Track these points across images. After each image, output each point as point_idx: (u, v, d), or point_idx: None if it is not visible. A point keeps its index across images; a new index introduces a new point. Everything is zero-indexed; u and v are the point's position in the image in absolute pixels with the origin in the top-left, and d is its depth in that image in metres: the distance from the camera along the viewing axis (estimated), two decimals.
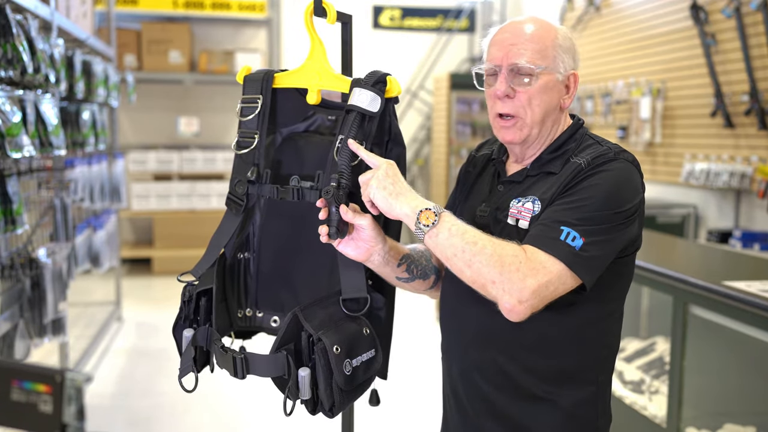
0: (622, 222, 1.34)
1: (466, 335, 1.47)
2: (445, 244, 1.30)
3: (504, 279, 1.25)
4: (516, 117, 1.42)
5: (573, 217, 1.31)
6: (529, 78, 1.40)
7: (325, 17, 1.49)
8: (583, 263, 1.30)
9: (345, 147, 1.39)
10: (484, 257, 1.26)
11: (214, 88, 7.93)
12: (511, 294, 1.25)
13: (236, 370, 1.41)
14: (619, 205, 1.34)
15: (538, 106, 1.41)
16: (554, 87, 1.42)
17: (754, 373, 3.12)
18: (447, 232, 1.30)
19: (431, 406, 3.88)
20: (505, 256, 1.26)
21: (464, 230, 1.30)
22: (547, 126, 1.45)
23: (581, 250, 1.29)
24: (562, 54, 1.42)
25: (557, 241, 1.29)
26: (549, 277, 1.27)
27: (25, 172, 3.34)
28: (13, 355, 2.98)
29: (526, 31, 1.42)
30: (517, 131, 1.43)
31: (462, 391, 1.50)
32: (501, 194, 1.47)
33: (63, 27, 3.73)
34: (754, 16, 4.36)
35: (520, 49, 1.40)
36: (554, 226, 1.31)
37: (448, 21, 8.35)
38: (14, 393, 0.84)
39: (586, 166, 1.37)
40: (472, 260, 1.27)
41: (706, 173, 4.72)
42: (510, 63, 1.40)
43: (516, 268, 1.25)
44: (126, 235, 7.80)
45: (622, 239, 1.36)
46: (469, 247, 1.28)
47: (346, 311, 1.41)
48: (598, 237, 1.31)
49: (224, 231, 1.54)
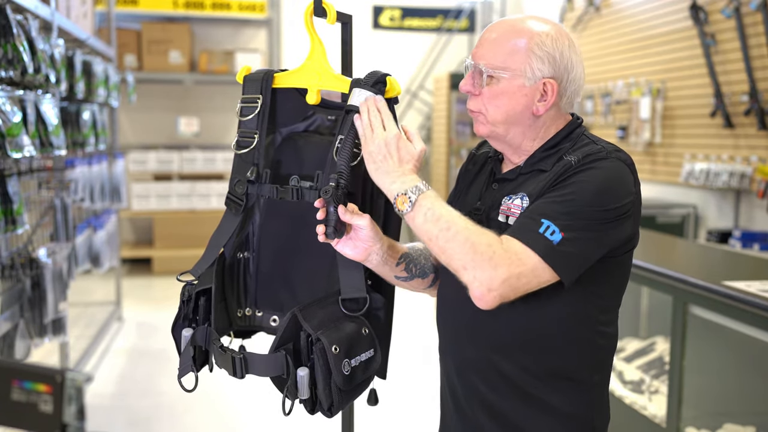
0: (609, 220, 1.32)
1: (462, 334, 1.47)
2: (421, 229, 1.31)
3: (475, 266, 1.25)
4: (479, 113, 1.44)
5: (556, 211, 1.30)
6: (489, 79, 1.40)
7: (325, 17, 1.49)
8: (560, 258, 1.28)
9: (344, 147, 1.39)
10: (456, 243, 1.27)
11: (214, 88, 7.93)
12: (481, 282, 1.25)
13: (235, 370, 1.42)
14: (606, 203, 1.32)
15: (497, 108, 1.41)
16: (517, 92, 1.39)
17: (754, 373, 3.12)
18: (422, 217, 1.31)
19: (430, 405, 3.88)
20: (479, 243, 1.26)
21: (439, 215, 1.30)
22: (518, 130, 1.43)
23: (559, 244, 1.27)
24: (535, 60, 1.38)
25: (536, 234, 1.28)
26: (521, 269, 1.26)
27: (26, 172, 3.34)
28: (14, 355, 2.98)
29: (495, 35, 1.42)
30: (480, 125, 1.45)
31: (459, 390, 1.50)
32: (494, 192, 1.47)
33: (63, 27, 3.73)
34: (754, 16, 4.36)
35: (486, 51, 1.41)
36: (535, 218, 1.30)
37: (448, 21, 8.35)
38: (14, 393, 0.84)
39: (576, 163, 1.36)
40: (446, 246, 1.28)
41: (706, 173, 4.72)
42: (473, 62, 1.42)
43: (489, 257, 1.25)
44: (126, 235, 7.80)
45: (610, 239, 1.34)
46: (442, 234, 1.28)
47: (345, 311, 1.42)
48: (579, 233, 1.29)
49: (224, 231, 1.54)
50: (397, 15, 8.37)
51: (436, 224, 1.29)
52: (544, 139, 1.45)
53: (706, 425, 3.04)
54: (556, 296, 1.35)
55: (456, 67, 8.27)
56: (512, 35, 1.40)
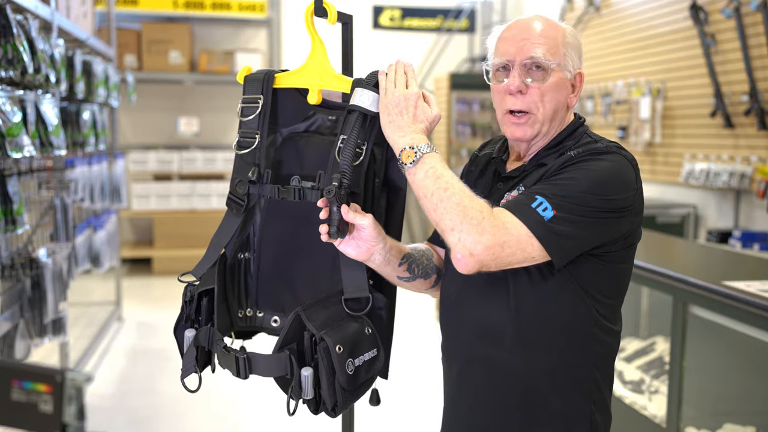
0: (606, 210, 1.32)
1: (465, 334, 1.47)
2: (419, 184, 1.32)
3: (462, 228, 1.26)
4: (528, 113, 1.41)
5: (551, 191, 1.30)
6: (543, 73, 1.39)
7: (326, 17, 1.49)
8: (550, 236, 1.28)
9: (347, 146, 1.39)
10: (450, 204, 1.27)
11: (214, 88, 7.93)
12: (464, 245, 1.25)
13: (239, 370, 1.41)
14: (605, 194, 1.32)
15: (550, 102, 1.41)
16: (563, 85, 1.42)
17: (754, 373, 3.12)
18: (423, 173, 1.31)
19: (431, 405, 3.88)
20: (470, 208, 1.27)
21: (440, 174, 1.31)
22: (555, 123, 1.44)
23: (550, 221, 1.27)
24: (570, 52, 1.42)
25: (527, 207, 1.29)
26: (507, 238, 1.26)
27: (26, 172, 3.34)
28: (14, 355, 2.98)
29: (537, 28, 1.41)
30: (528, 128, 1.42)
31: (462, 389, 1.50)
32: (499, 191, 1.48)
33: (63, 27, 3.73)
34: (754, 16, 4.36)
35: (535, 43, 1.39)
36: (530, 195, 1.31)
37: (448, 21, 8.35)
38: (14, 393, 0.84)
39: (576, 155, 1.37)
40: (438, 205, 1.29)
41: (706, 173, 4.72)
42: (525, 57, 1.39)
43: (477, 222, 1.25)
44: (126, 235, 7.80)
45: (607, 229, 1.34)
46: (438, 192, 1.29)
47: (348, 311, 1.41)
48: (572, 215, 1.29)
49: (225, 231, 1.54)
50: (397, 15, 8.36)
51: (436, 182, 1.30)
52: (550, 137, 1.45)
53: (706, 425, 3.04)
54: (560, 295, 1.35)
55: (456, 67, 8.27)
56: (550, 29, 1.42)
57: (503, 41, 1.44)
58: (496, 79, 1.45)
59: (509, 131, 1.45)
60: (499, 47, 1.44)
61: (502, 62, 1.43)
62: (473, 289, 1.40)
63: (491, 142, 1.64)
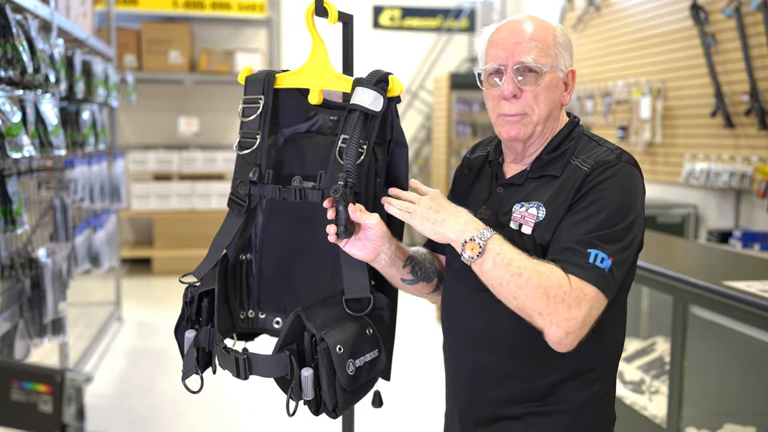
0: (633, 231, 1.35)
1: (471, 338, 1.47)
2: (490, 275, 1.30)
3: (550, 311, 1.26)
4: (524, 114, 1.41)
5: (597, 237, 1.31)
6: (536, 76, 1.39)
7: (326, 17, 1.48)
8: (612, 284, 1.31)
9: (350, 146, 1.38)
10: (529, 290, 1.27)
11: (214, 88, 7.93)
12: (558, 326, 1.26)
13: (239, 371, 1.41)
14: (630, 214, 1.35)
15: (544, 103, 1.40)
16: (557, 84, 1.42)
17: (754, 373, 3.11)
18: (491, 263, 1.30)
19: (432, 407, 3.88)
20: (550, 287, 1.26)
21: (510, 260, 1.29)
22: (550, 123, 1.44)
23: (610, 270, 1.30)
24: (562, 51, 1.42)
25: (589, 265, 1.29)
26: (591, 304, 1.28)
27: (25, 172, 3.34)
28: (13, 355, 2.98)
29: (527, 30, 1.40)
30: (522, 128, 1.41)
31: (467, 392, 1.49)
32: (501, 197, 1.46)
33: (63, 27, 3.72)
34: (754, 16, 4.36)
35: (526, 47, 1.39)
36: (581, 250, 1.31)
37: (448, 21, 8.34)
38: (14, 393, 0.83)
39: (591, 171, 1.37)
40: (518, 293, 1.28)
41: (706, 173, 4.72)
42: (517, 62, 1.38)
43: (561, 299, 1.26)
44: (126, 235, 7.80)
45: (636, 245, 1.38)
46: (514, 279, 1.28)
47: (349, 311, 1.41)
48: (622, 255, 1.33)
49: (226, 232, 1.54)
50: (397, 15, 8.36)
51: (507, 269, 1.28)
52: (547, 139, 1.45)
53: (707, 425, 3.04)
54: None
55: (456, 67, 8.27)
56: (541, 30, 1.41)
57: (494, 45, 1.42)
58: (488, 83, 1.44)
59: (504, 131, 1.44)
60: (490, 51, 1.43)
61: (494, 67, 1.42)
62: (477, 293, 1.39)
63: (483, 143, 1.63)
